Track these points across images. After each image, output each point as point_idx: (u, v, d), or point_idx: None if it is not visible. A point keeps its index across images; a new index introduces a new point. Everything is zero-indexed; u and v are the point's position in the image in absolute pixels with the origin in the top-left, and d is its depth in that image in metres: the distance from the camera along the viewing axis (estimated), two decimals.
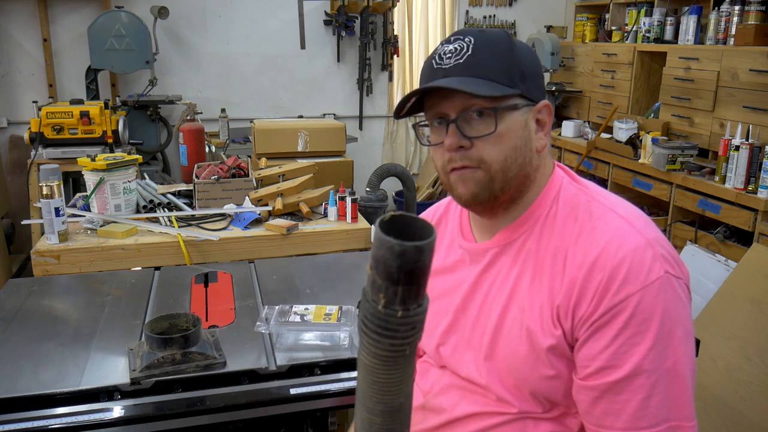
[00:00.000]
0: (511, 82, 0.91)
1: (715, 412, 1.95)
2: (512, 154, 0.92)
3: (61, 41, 4.39)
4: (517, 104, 0.92)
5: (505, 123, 0.91)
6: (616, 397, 0.85)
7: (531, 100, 0.94)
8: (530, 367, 0.92)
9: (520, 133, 0.93)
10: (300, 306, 1.55)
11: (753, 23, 3.22)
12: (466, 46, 0.91)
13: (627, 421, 0.85)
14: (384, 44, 4.95)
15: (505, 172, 0.93)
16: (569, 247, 0.91)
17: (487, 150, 0.92)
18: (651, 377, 0.83)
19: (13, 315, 1.63)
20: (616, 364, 0.85)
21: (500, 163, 0.92)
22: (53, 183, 2.09)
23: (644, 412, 0.84)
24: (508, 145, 0.92)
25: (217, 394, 1.33)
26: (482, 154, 0.92)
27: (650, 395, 0.84)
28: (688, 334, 0.87)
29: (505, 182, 0.93)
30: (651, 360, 0.83)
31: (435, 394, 1.07)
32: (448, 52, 0.93)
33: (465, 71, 0.91)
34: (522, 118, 0.93)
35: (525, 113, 0.93)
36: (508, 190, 0.94)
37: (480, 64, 0.90)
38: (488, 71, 0.90)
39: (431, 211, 1.17)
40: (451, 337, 1.04)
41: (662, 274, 0.85)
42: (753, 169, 2.93)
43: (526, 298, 0.93)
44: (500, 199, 0.95)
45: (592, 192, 0.97)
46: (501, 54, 0.91)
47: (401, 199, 4.41)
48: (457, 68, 0.91)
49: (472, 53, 0.91)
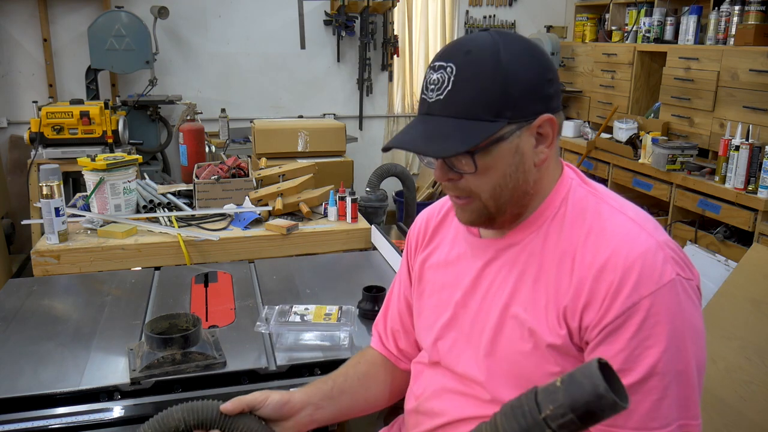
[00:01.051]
0: (495, 115, 0.87)
1: (715, 412, 1.95)
2: (502, 182, 0.92)
3: (61, 41, 4.39)
4: (503, 135, 0.89)
5: (490, 157, 0.89)
6: (629, 398, 0.85)
7: (524, 121, 0.90)
8: (534, 364, 0.92)
9: (509, 161, 0.91)
10: (300, 306, 1.55)
11: (753, 23, 3.22)
12: (447, 79, 0.88)
13: (639, 421, 0.85)
14: (384, 44, 4.95)
15: (497, 199, 0.93)
16: (578, 248, 0.91)
17: (475, 183, 0.92)
18: (664, 379, 0.84)
19: (13, 315, 1.63)
20: (630, 367, 0.85)
21: (489, 192, 0.92)
22: (53, 183, 2.09)
23: (656, 413, 0.84)
24: (496, 176, 0.91)
25: (217, 394, 1.33)
26: (470, 186, 0.93)
27: (663, 396, 0.84)
28: (698, 334, 0.87)
29: (499, 207, 0.94)
30: (665, 362, 0.84)
31: (427, 397, 1.07)
32: (431, 83, 0.91)
33: (444, 110, 0.89)
34: (511, 145, 0.90)
35: (516, 138, 0.90)
36: (505, 210, 0.95)
37: (460, 102, 0.88)
38: (469, 109, 0.87)
39: (438, 205, 1.17)
40: (451, 332, 1.04)
41: (674, 276, 0.85)
42: (753, 169, 2.93)
43: (529, 297, 0.93)
44: (501, 219, 0.96)
45: (601, 194, 0.97)
46: (484, 82, 0.87)
47: (401, 200, 4.41)
48: (437, 105, 0.89)
49: (452, 88, 0.88)
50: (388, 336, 1.22)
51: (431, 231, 1.14)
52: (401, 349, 1.21)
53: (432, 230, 1.14)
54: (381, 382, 1.20)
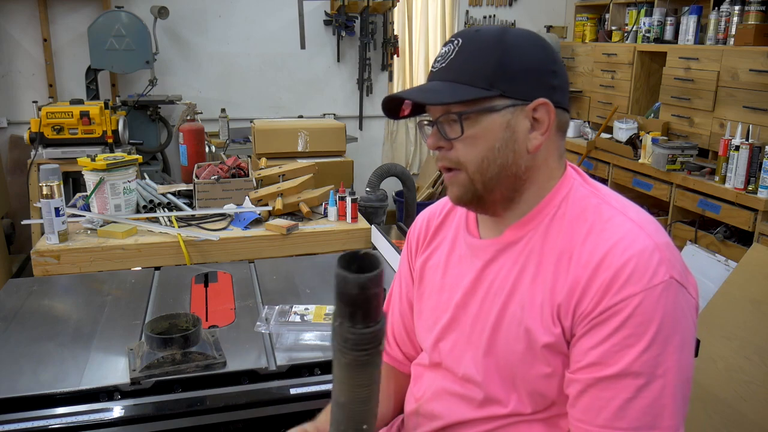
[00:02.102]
0: (489, 84, 0.90)
1: (715, 412, 1.95)
2: (489, 155, 0.93)
3: (61, 41, 4.39)
4: (494, 106, 0.91)
5: (479, 125, 0.92)
6: (601, 393, 0.85)
7: (519, 99, 0.92)
8: (528, 365, 0.92)
9: (498, 135, 0.92)
10: (300, 306, 1.55)
11: (753, 23, 3.22)
12: (452, 49, 0.94)
13: (606, 419, 0.84)
14: (384, 44, 4.95)
15: (483, 173, 0.93)
16: (576, 247, 0.91)
17: (463, 152, 0.93)
18: (639, 380, 0.83)
19: (13, 315, 1.63)
20: (606, 361, 0.85)
21: (476, 164, 0.93)
22: (53, 183, 2.09)
23: (625, 413, 0.83)
24: (485, 146, 0.92)
25: (217, 394, 1.33)
26: (459, 156, 0.94)
27: (635, 397, 0.83)
28: (685, 343, 0.85)
29: (485, 183, 0.94)
30: (642, 363, 0.83)
31: (427, 399, 1.07)
32: (440, 55, 0.96)
33: (444, 75, 0.93)
34: (502, 119, 0.92)
35: (508, 114, 0.92)
36: (492, 190, 0.95)
37: (458, 68, 0.92)
38: (465, 75, 0.91)
39: (439, 205, 1.17)
40: (451, 333, 1.04)
41: (666, 278, 0.84)
42: (753, 169, 2.93)
43: (527, 296, 0.93)
44: (488, 199, 0.96)
45: (603, 194, 0.97)
46: (484, 55, 0.91)
47: (401, 199, 4.41)
48: (440, 72, 0.94)
49: (455, 56, 0.93)
50: (392, 343, 1.21)
51: (432, 231, 1.13)
52: (405, 353, 1.21)
53: (433, 230, 1.13)
54: (387, 397, 1.19)
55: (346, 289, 0.71)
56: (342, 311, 0.73)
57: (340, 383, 0.78)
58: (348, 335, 0.73)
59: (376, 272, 0.73)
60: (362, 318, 0.73)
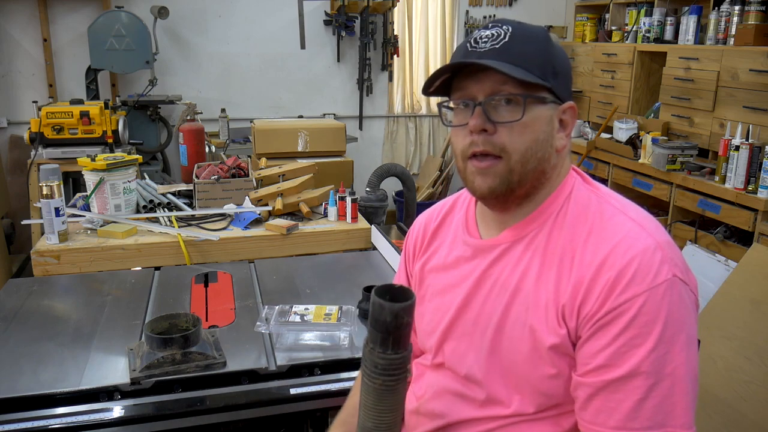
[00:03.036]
0: (543, 76, 0.91)
1: (715, 412, 1.95)
2: (533, 146, 0.92)
3: (61, 41, 4.39)
4: (545, 98, 0.93)
5: (531, 113, 0.92)
6: (611, 395, 0.85)
7: (558, 98, 0.94)
8: (532, 366, 0.92)
9: (544, 127, 0.93)
10: (300, 306, 1.55)
11: (753, 23, 3.22)
12: (504, 33, 0.92)
13: (619, 420, 0.84)
14: (384, 44, 4.95)
15: (525, 164, 0.93)
16: (578, 247, 0.91)
17: (511, 138, 0.92)
18: (649, 379, 0.83)
19: (13, 315, 1.63)
20: (615, 363, 0.84)
21: (521, 153, 0.92)
22: (53, 183, 2.09)
23: (638, 413, 0.83)
24: (531, 137, 0.92)
25: (217, 394, 1.33)
26: (504, 142, 0.92)
27: (646, 397, 0.83)
28: (691, 341, 0.86)
29: (523, 175, 0.93)
30: (651, 362, 0.83)
31: (428, 398, 1.07)
32: (484, 36, 0.93)
33: (500, 56, 0.90)
34: (548, 113, 0.93)
35: (551, 109, 0.94)
36: (524, 184, 0.94)
37: (516, 52, 0.90)
38: (523, 60, 0.90)
39: (437, 208, 1.17)
40: (453, 334, 1.03)
41: (670, 277, 0.85)
42: (753, 169, 2.93)
43: (531, 296, 0.93)
44: (516, 193, 0.95)
45: (603, 194, 0.97)
46: (537, 46, 0.92)
47: (401, 199, 4.41)
48: (492, 52, 0.91)
49: (509, 40, 0.91)
50: None
51: (430, 234, 1.13)
52: None
53: (431, 234, 1.13)
54: None
55: (382, 316, 0.78)
56: (374, 337, 0.79)
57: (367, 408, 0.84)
58: (378, 360, 0.80)
59: (409, 302, 0.78)
60: (393, 344, 0.79)
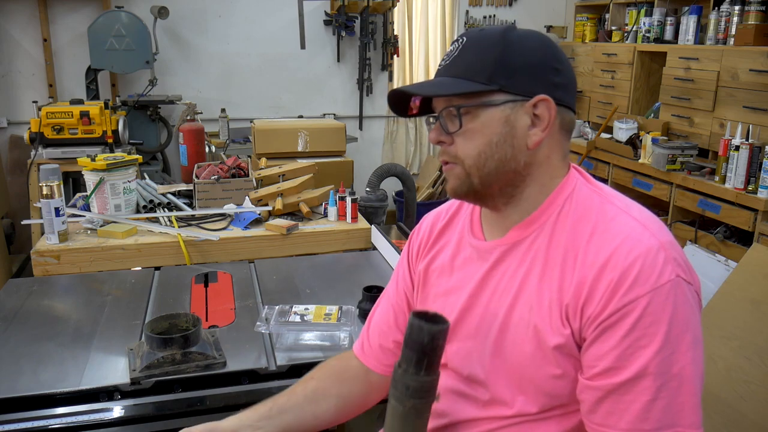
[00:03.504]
0: (488, 79, 0.91)
1: (715, 412, 1.95)
2: (487, 150, 0.93)
3: (61, 41, 4.39)
4: (493, 100, 0.92)
5: (478, 120, 0.93)
6: (621, 397, 0.85)
7: (519, 95, 0.92)
8: (537, 366, 0.92)
9: (496, 129, 0.93)
10: (300, 306, 1.55)
11: (753, 23, 3.22)
12: (456, 48, 0.96)
13: (630, 422, 0.84)
14: (384, 44, 4.95)
15: (480, 168, 0.94)
16: (581, 247, 0.91)
17: (461, 146, 0.95)
18: (657, 380, 0.83)
19: (13, 315, 1.63)
20: (622, 366, 0.84)
21: (473, 158, 0.94)
22: (53, 183, 2.09)
23: (648, 414, 0.83)
24: (482, 141, 0.93)
25: (217, 394, 1.33)
26: (457, 150, 0.95)
27: (655, 398, 0.83)
28: (696, 340, 0.86)
29: (482, 177, 0.95)
30: (658, 363, 0.83)
31: None
32: (446, 54, 0.98)
33: (447, 71, 0.95)
34: (501, 114, 0.92)
35: (507, 109, 0.92)
36: (490, 184, 0.95)
37: (460, 64, 0.94)
38: (466, 70, 0.93)
39: (445, 208, 1.16)
40: (457, 335, 1.03)
41: (673, 277, 0.84)
42: (753, 169, 2.93)
43: (534, 296, 0.93)
44: (485, 193, 0.97)
45: (606, 194, 0.97)
46: (485, 51, 0.93)
47: (401, 200, 4.41)
48: (443, 69, 0.96)
49: (458, 54, 0.95)
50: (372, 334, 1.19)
51: (436, 234, 1.13)
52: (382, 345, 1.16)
53: (437, 233, 1.13)
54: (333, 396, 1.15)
55: (419, 337, 0.79)
56: (409, 358, 0.80)
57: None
58: (411, 382, 0.80)
59: (445, 326, 0.80)
60: (426, 366, 0.80)
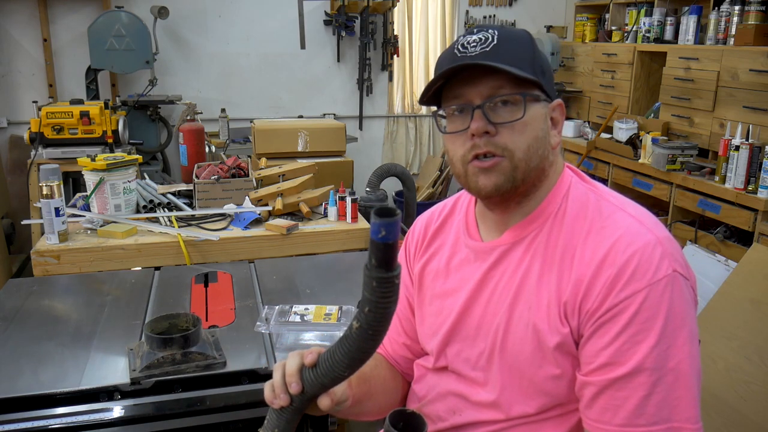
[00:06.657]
0: (534, 74, 0.92)
1: (715, 412, 1.95)
2: (534, 144, 0.93)
3: (61, 41, 4.39)
4: (539, 96, 0.94)
5: (530, 112, 0.92)
6: (616, 393, 0.85)
7: (548, 96, 0.95)
8: (537, 366, 0.92)
9: (541, 125, 0.94)
10: (300, 306, 1.55)
11: (753, 23, 3.22)
12: (491, 36, 0.92)
13: (625, 417, 0.85)
14: (384, 44, 4.95)
15: (528, 161, 0.93)
16: (578, 245, 0.91)
17: (512, 138, 0.92)
18: (653, 375, 0.83)
19: (13, 315, 1.63)
20: (618, 361, 0.84)
21: (524, 151, 0.92)
22: (53, 183, 2.09)
23: (643, 410, 0.84)
24: (532, 135, 0.93)
25: (217, 394, 1.33)
26: (506, 142, 0.92)
27: (651, 393, 0.83)
28: (693, 335, 0.86)
29: (526, 172, 0.93)
30: (654, 358, 0.83)
31: (430, 400, 1.06)
32: (472, 41, 0.93)
33: (492, 58, 0.90)
34: (543, 110, 0.94)
35: (544, 107, 0.95)
36: (527, 181, 0.94)
37: (507, 53, 0.91)
38: (515, 60, 0.91)
39: (438, 209, 1.16)
40: (456, 337, 1.03)
41: (670, 272, 0.85)
42: (753, 169, 2.93)
43: (534, 295, 0.93)
44: (518, 191, 0.95)
45: (601, 191, 0.98)
46: (524, 46, 0.93)
47: (401, 199, 4.41)
48: (483, 55, 0.91)
49: (498, 43, 0.91)
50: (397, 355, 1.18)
51: (430, 235, 1.12)
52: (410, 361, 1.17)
53: (431, 235, 1.12)
54: (393, 389, 1.16)
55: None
56: None
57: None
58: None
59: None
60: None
